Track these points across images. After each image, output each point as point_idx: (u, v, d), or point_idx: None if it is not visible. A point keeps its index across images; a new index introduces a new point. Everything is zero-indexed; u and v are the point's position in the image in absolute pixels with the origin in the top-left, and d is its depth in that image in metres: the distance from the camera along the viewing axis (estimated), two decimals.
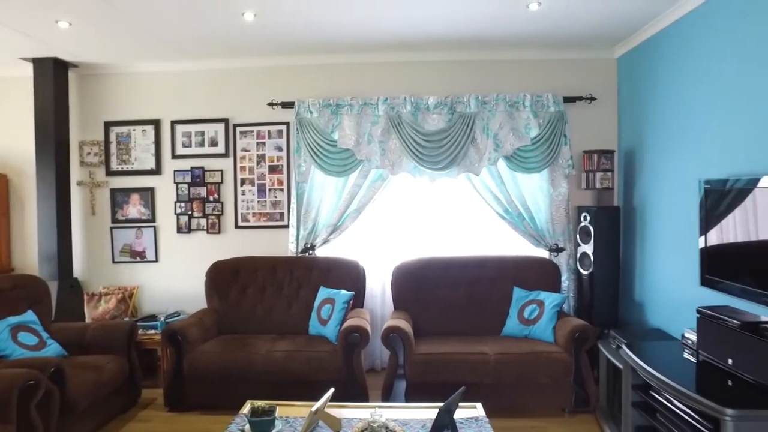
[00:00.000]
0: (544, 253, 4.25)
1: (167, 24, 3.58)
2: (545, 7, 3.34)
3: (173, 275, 4.59)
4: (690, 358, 2.59)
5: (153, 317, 4.33)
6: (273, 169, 4.51)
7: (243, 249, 4.44)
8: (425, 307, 3.95)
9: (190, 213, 4.58)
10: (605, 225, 3.92)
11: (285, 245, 4.42)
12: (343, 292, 3.84)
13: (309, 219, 4.36)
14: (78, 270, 4.57)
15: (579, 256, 4.10)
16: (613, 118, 4.33)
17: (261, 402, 2.40)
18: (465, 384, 2.61)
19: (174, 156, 4.58)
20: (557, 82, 4.29)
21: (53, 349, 3.31)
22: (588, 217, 3.97)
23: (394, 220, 4.43)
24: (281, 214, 4.51)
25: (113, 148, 4.62)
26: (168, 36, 3.84)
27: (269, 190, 4.53)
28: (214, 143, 4.56)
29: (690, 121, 3.20)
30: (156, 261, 4.62)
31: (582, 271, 4.06)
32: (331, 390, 2.51)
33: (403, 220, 4.43)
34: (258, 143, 4.52)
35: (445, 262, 4.10)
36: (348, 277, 4.04)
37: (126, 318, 4.29)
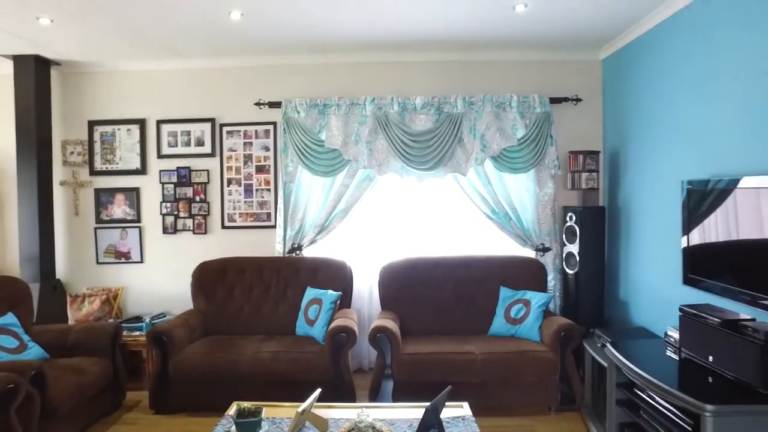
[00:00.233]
0: (530, 253, 4.28)
1: (152, 22, 3.54)
2: (531, 9, 3.37)
3: (159, 276, 4.54)
4: (673, 355, 2.63)
5: (138, 318, 4.28)
6: (260, 169, 4.49)
7: (230, 249, 4.41)
8: (412, 307, 3.96)
9: (176, 213, 4.54)
10: (590, 225, 3.96)
11: (272, 245, 4.40)
12: (331, 292, 3.83)
13: (296, 219, 4.34)
14: (61, 271, 4.50)
15: (565, 255, 4.14)
16: (599, 119, 4.38)
17: (247, 403, 2.38)
18: (452, 383, 2.62)
19: (160, 156, 4.54)
20: (543, 83, 4.32)
21: (34, 352, 3.25)
22: (574, 217, 4.01)
23: (381, 220, 4.44)
24: (268, 214, 4.49)
25: (97, 147, 4.56)
26: (153, 34, 3.80)
27: (256, 190, 4.50)
28: (200, 143, 4.52)
29: (673, 123, 3.25)
30: (141, 262, 4.57)
31: (568, 271, 4.10)
32: (318, 390, 2.51)
33: (391, 220, 4.43)
34: (245, 143, 4.49)
35: (433, 262, 4.12)
36: (335, 278, 4.03)
37: (110, 320, 4.24)
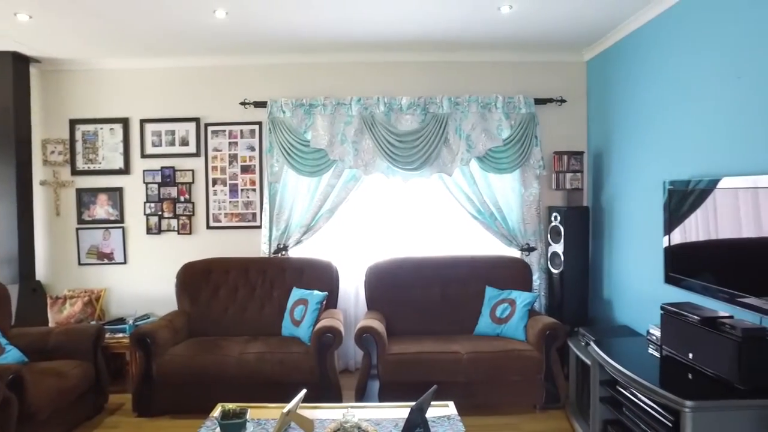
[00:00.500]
0: (515, 253, 4.31)
1: (134, 19, 3.49)
2: (516, 10, 3.39)
3: (142, 277, 4.48)
4: (654, 353, 2.67)
5: (121, 320, 4.22)
6: (245, 169, 4.46)
7: (215, 250, 4.37)
8: (398, 307, 3.96)
9: (160, 213, 4.48)
10: (575, 225, 4.00)
11: (257, 246, 4.37)
12: (317, 292, 3.82)
13: (282, 219, 4.32)
14: (41, 273, 4.41)
15: (550, 255, 4.17)
16: (583, 120, 4.43)
17: (232, 404, 2.37)
18: (438, 383, 2.63)
19: (143, 155, 4.48)
20: (528, 84, 4.36)
21: (12, 356, 3.19)
22: (558, 217, 4.04)
23: (367, 220, 4.43)
24: (253, 214, 4.46)
25: (79, 146, 4.48)
26: (135, 32, 3.75)
27: (241, 190, 4.47)
28: (185, 143, 4.47)
29: (655, 124, 3.30)
30: (124, 263, 4.50)
31: (553, 270, 4.14)
32: (303, 391, 2.50)
33: (377, 220, 4.43)
34: (230, 143, 4.45)
35: (419, 262, 4.12)
36: (321, 278, 4.02)
37: (92, 321, 4.17)
